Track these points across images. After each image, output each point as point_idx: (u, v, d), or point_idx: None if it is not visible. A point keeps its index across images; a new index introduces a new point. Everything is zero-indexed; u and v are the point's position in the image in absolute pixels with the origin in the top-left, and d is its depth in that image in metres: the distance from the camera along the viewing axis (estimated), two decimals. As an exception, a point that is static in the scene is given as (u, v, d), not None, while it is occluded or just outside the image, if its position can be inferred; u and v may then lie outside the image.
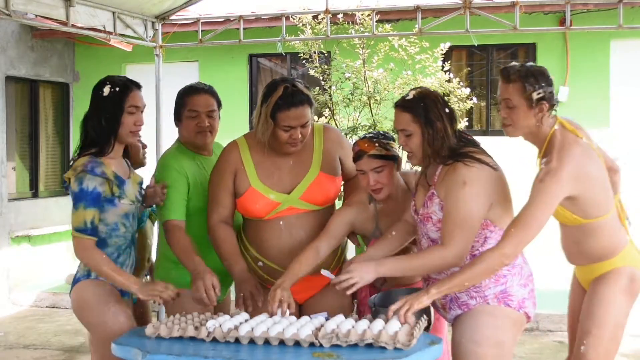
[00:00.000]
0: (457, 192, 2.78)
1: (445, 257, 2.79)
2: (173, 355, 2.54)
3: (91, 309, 3.10)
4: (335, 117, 7.59)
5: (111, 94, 3.08)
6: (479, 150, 2.89)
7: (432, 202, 2.89)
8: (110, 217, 3.11)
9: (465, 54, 8.79)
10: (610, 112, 8.17)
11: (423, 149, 2.87)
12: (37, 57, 9.04)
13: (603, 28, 7.27)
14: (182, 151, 3.48)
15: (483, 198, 2.80)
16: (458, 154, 2.84)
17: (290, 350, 2.58)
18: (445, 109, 2.87)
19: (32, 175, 9.05)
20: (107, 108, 3.08)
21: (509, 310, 2.86)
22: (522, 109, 2.88)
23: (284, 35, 6.90)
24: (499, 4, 6.82)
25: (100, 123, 3.08)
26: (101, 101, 3.09)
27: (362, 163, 3.11)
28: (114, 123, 3.08)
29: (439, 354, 2.69)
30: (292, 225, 3.18)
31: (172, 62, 8.47)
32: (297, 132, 3.07)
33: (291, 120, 3.04)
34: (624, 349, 5.76)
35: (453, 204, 2.79)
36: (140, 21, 6.88)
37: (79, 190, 3.00)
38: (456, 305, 2.92)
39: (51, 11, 5.92)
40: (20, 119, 8.92)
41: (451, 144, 2.85)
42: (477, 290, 2.86)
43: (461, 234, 2.78)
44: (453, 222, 2.79)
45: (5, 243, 8.37)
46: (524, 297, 2.89)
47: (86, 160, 3.04)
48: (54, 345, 6.30)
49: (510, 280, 2.87)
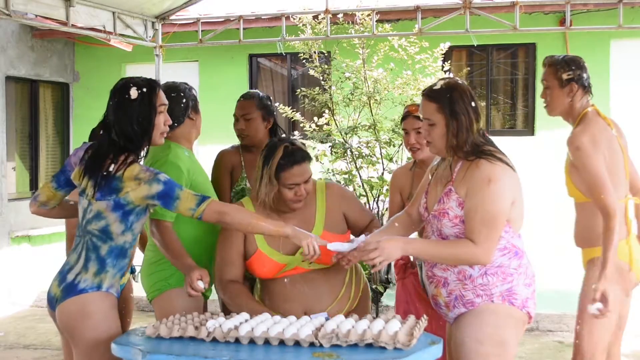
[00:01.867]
0: (483, 189, 2.77)
1: (475, 254, 2.78)
2: (173, 355, 2.54)
3: (91, 323, 2.95)
4: (335, 117, 7.59)
5: (140, 96, 2.97)
6: (498, 150, 2.88)
7: (450, 199, 2.86)
8: (138, 227, 3.00)
9: (465, 54, 8.79)
10: (610, 112, 8.16)
11: (446, 140, 2.85)
12: (37, 57, 9.04)
13: (603, 28, 7.28)
14: (179, 147, 3.45)
15: (507, 196, 2.80)
16: (481, 151, 2.82)
17: (290, 350, 2.58)
18: (472, 103, 2.85)
19: (32, 175, 9.05)
20: (139, 111, 2.95)
21: (512, 309, 2.86)
22: (555, 89, 3.36)
23: (284, 35, 6.91)
24: (499, 4, 6.83)
25: (133, 127, 2.94)
26: (130, 105, 2.95)
27: (407, 122, 3.59)
28: (148, 125, 2.96)
29: (438, 354, 2.68)
30: (296, 281, 3.20)
31: (172, 62, 8.47)
32: (301, 188, 3.13)
33: (295, 178, 3.11)
34: (624, 349, 5.77)
35: (479, 201, 2.77)
36: (140, 21, 6.88)
37: (166, 181, 2.86)
38: (461, 303, 2.89)
39: (51, 11, 5.93)
40: (20, 119, 8.93)
41: (475, 139, 2.83)
42: (484, 288, 2.84)
43: (489, 232, 2.77)
44: (481, 220, 2.77)
45: (5, 243, 8.38)
46: (527, 297, 2.89)
47: (140, 166, 2.91)
48: (54, 345, 6.29)
49: (517, 279, 2.87)
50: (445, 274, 2.90)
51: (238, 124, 3.96)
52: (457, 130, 2.81)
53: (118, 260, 2.98)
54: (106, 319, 2.97)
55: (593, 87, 3.48)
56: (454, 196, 2.85)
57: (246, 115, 3.91)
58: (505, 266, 2.84)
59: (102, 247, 2.96)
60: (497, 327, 2.83)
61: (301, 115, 7.81)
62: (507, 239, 2.85)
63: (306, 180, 3.14)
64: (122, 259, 3.00)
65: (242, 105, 3.95)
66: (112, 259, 2.96)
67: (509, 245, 2.85)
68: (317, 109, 7.75)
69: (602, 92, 8.10)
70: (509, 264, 2.85)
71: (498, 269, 2.84)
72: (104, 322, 2.97)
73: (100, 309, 2.97)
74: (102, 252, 2.96)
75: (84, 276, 2.96)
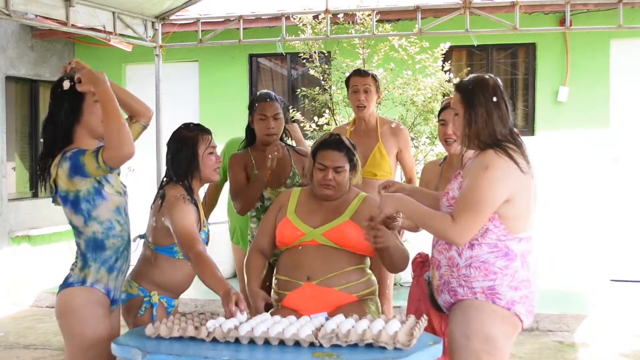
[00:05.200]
0: (478, 174, 2.85)
1: (447, 229, 2.86)
2: (173, 355, 2.54)
3: (76, 318, 3.01)
4: (335, 117, 7.59)
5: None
6: (518, 150, 2.91)
7: (455, 181, 3.01)
8: (103, 214, 3.04)
9: (465, 54, 8.78)
10: (610, 112, 8.16)
11: (463, 128, 2.97)
12: (37, 57, 9.04)
13: (603, 28, 7.27)
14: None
15: (500, 187, 2.83)
16: (496, 144, 2.89)
17: (290, 350, 2.58)
18: (494, 97, 2.93)
19: (32, 175, 9.04)
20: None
21: (497, 307, 2.89)
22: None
23: (284, 35, 6.90)
24: (499, 4, 6.82)
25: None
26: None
27: (446, 113, 3.68)
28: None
29: (438, 354, 2.69)
30: (307, 250, 3.40)
31: (172, 62, 8.46)
32: (329, 173, 3.45)
33: (326, 160, 3.47)
34: (624, 349, 5.77)
35: (471, 183, 2.87)
36: (140, 21, 6.88)
37: (71, 155, 2.98)
38: (446, 290, 2.98)
39: (51, 11, 5.93)
40: (20, 119, 8.92)
41: (494, 132, 2.90)
42: (466, 279, 2.91)
43: (470, 215, 2.83)
44: (465, 201, 2.85)
45: (5, 243, 8.38)
46: (513, 300, 2.90)
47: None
48: (54, 345, 6.29)
49: (500, 279, 2.89)
50: (440, 257, 3.00)
51: (267, 123, 4.19)
52: (473, 120, 2.92)
53: (97, 254, 3.05)
54: (92, 316, 3.02)
55: (593, 88, 3.49)
56: (459, 179, 2.99)
57: (277, 115, 4.21)
58: (490, 263, 2.89)
59: (80, 242, 3.09)
60: (482, 323, 2.88)
61: (301, 115, 7.82)
62: (497, 235, 2.88)
63: (336, 167, 3.45)
64: (101, 251, 3.06)
65: (271, 106, 4.21)
66: (90, 252, 3.05)
67: (500, 244, 2.88)
68: (317, 109, 7.76)
69: (602, 92, 8.10)
70: (494, 262, 2.89)
71: (482, 264, 2.89)
72: (90, 318, 3.01)
73: (84, 304, 3.02)
74: (82, 247, 3.09)
75: (74, 271, 3.10)
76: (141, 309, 3.22)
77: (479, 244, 2.89)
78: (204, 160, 3.28)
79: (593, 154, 8.07)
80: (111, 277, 3.09)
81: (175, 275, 3.27)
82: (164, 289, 3.27)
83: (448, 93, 7.26)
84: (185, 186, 3.24)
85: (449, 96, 7.26)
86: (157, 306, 3.23)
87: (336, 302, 3.29)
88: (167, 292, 3.29)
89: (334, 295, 3.29)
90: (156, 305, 3.23)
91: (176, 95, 9.03)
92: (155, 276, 3.26)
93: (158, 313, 3.21)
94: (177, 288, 3.33)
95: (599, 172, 8.06)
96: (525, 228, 2.92)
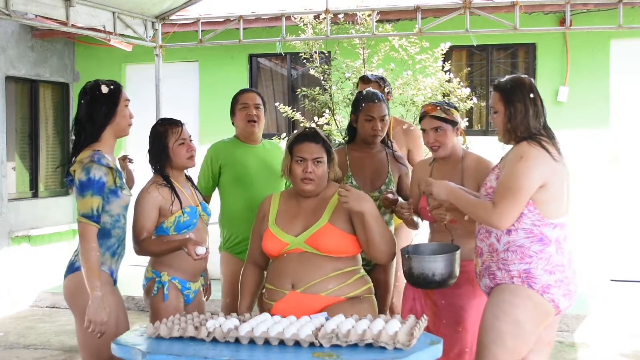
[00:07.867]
0: (514, 164, 3.06)
1: (488, 213, 3.06)
2: (173, 355, 2.55)
3: (86, 296, 3.17)
4: (336, 117, 7.59)
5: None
6: (549, 141, 3.12)
7: (493, 172, 3.23)
8: (115, 209, 3.35)
9: (465, 54, 8.78)
10: (610, 112, 8.16)
11: (503, 125, 3.18)
12: (37, 57, 9.04)
13: (603, 28, 7.27)
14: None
15: (534, 174, 3.03)
16: (531, 137, 3.11)
17: (290, 350, 2.58)
18: (530, 94, 3.17)
19: (32, 175, 9.04)
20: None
21: (532, 292, 3.04)
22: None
23: (284, 35, 6.90)
24: (499, 4, 6.82)
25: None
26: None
27: (425, 122, 3.70)
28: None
29: (438, 354, 2.69)
30: (292, 258, 3.35)
31: (172, 62, 8.46)
32: (308, 165, 3.37)
33: (303, 152, 3.39)
34: (624, 349, 5.77)
35: (508, 173, 3.07)
36: (140, 21, 6.88)
37: (87, 179, 3.18)
38: (486, 274, 3.18)
39: (51, 11, 5.93)
40: (20, 119, 8.92)
41: (530, 127, 3.13)
42: (504, 263, 3.10)
43: (507, 201, 3.02)
44: (504, 188, 3.05)
45: (5, 243, 8.37)
46: (548, 284, 3.04)
47: (90, 152, 3.25)
48: (54, 345, 6.30)
49: (535, 262, 3.06)
50: (481, 245, 3.22)
51: (373, 125, 4.09)
52: (512, 115, 3.14)
53: (103, 240, 3.31)
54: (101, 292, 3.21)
55: (593, 88, 3.60)
56: (496, 171, 3.19)
57: (384, 117, 4.12)
58: (526, 247, 3.07)
59: None
60: (513, 305, 3.05)
61: (301, 115, 7.82)
62: (532, 220, 3.06)
63: (314, 159, 3.37)
64: (107, 238, 3.34)
65: (379, 108, 4.10)
66: (98, 239, 3.26)
67: (535, 230, 3.07)
68: (318, 109, 7.75)
69: (602, 92, 8.10)
70: (530, 246, 3.07)
71: (518, 248, 3.08)
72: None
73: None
74: None
75: (78, 257, 3.29)
76: (154, 289, 3.57)
77: (516, 229, 3.08)
78: (174, 151, 3.65)
79: (593, 154, 8.08)
80: (114, 260, 3.41)
81: (181, 254, 3.52)
82: (175, 269, 3.59)
83: (448, 93, 7.25)
84: (162, 174, 3.66)
85: (448, 96, 7.28)
86: (167, 285, 3.55)
87: (324, 307, 3.23)
88: (179, 272, 3.60)
89: (321, 301, 3.21)
90: (166, 284, 3.54)
91: (176, 95, 9.03)
92: (165, 258, 3.58)
93: (170, 292, 3.54)
94: (185, 268, 3.61)
95: (598, 172, 8.07)
96: (558, 214, 3.09)
